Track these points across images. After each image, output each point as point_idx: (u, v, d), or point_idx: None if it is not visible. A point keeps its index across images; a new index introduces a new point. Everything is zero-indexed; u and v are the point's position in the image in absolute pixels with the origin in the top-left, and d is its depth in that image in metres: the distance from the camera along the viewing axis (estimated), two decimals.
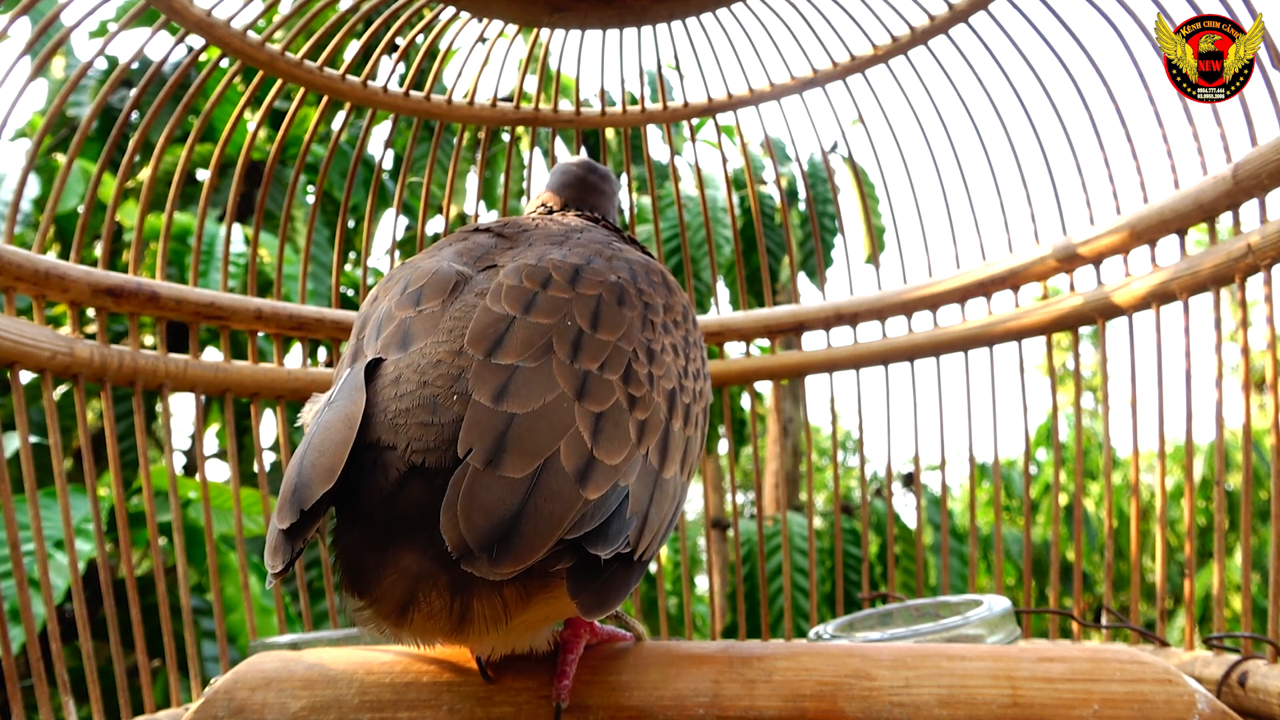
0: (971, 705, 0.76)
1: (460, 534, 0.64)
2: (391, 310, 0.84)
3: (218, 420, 3.29)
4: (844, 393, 14.56)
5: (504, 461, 0.67)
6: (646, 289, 0.87)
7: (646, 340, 0.82)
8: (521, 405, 0.71)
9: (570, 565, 0.68)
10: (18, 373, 1.43)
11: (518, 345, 0.75)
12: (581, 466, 0.69)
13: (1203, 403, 2.53)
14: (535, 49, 1.91)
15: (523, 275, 0.82)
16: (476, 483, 0.66)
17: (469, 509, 0.65)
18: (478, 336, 0.76)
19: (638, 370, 0.79)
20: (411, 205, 3.35)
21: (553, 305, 0.79)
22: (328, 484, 0.68)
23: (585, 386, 0.74)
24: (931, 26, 1.73)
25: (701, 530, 5.13)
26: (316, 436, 0.73)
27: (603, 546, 0.68)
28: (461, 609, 0.69)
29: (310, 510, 0.68)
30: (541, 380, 0.73)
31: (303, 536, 0.69)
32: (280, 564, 0.69)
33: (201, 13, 1.59)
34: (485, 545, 0.64)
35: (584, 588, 0.68)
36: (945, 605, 1.37)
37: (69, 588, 1.88)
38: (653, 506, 0.74)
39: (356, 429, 0.71)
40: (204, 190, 1.74)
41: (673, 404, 0.81)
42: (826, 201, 3.56)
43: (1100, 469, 5.21)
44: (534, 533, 0.65)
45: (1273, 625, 1.28)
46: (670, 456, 0.79)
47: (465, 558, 0.64)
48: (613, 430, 0.73)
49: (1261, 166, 1.35)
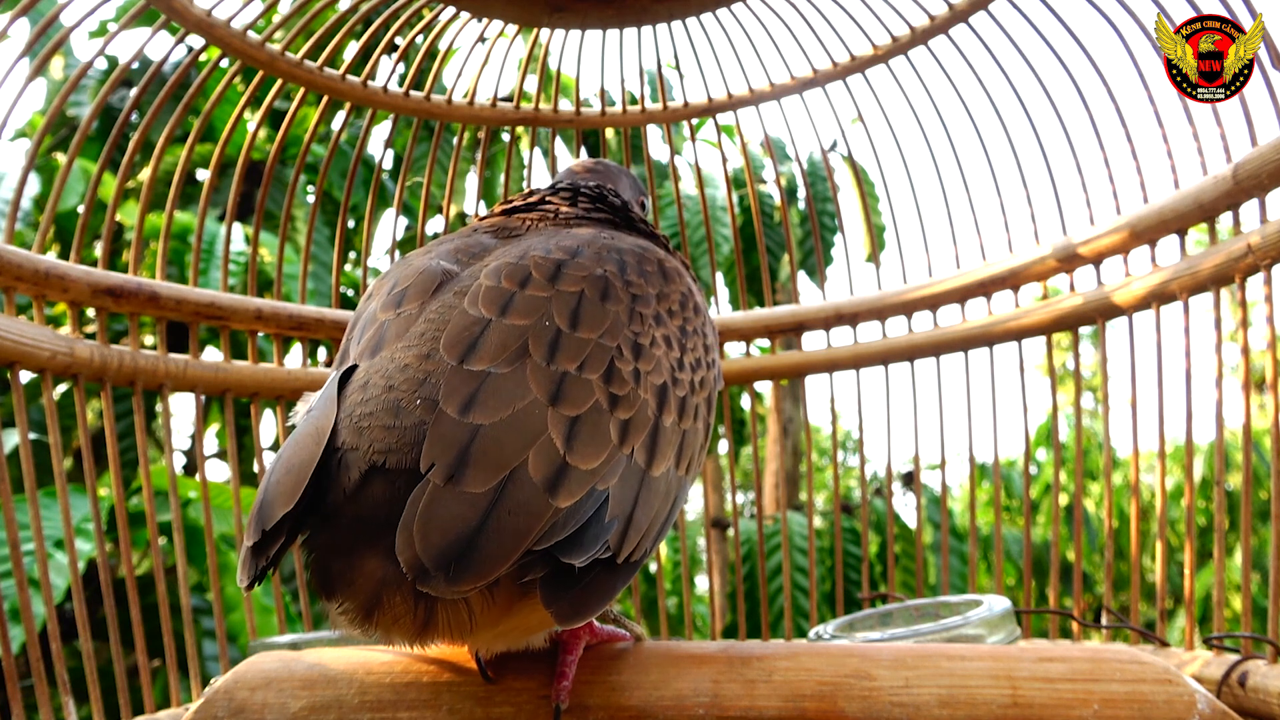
0: (971, 705, 0.76)
1: (415, 553, 0.64)
2: (376, 312, 0.84)
3: (218, 420, 3.29)
4: (844, 393, 14.55)
5: (466, 477, 0.66)
6: (636, 280, 0.85)
7: (633, 335, 0.80)
8: (489, 415, 0.70)
9: (543, 575, 0.67)
10: (18, 372, 1.43)
11: (491, 350, 0.74)
12: (552, 475, 0.68)
13: (1203, 403, 2.52)
14: (535, 49, 1.91)
15: (501, 275, 0.81)
16: (435, 500, 0.65)
17: (425, 528, 0.64)
18: (452, 341, 0.76)
19: (621, 368, 0.77)
20: (411, 205, 3.35)
21: (530, 305, 0.78)
22: (288, 505, 0.68)
23: (561, 390, 0.73)
24: (931, 26, 1.73)
25: (701, 530, 5.13)
26: (287, 451, 0.73)
27: (577, 554, 0.67)
28: (425, 615, 0.69)
29: (273, 529, 0.68)
30: (513, 386, 0.72)
31: (266, 554, 0.69)
32: (246, 579, 0.70)
33: (201, 13, 1.59)
34: (441, 564, 0.63)
35: (559, 596, 0.67)
36: (945, 605, 1.37)
37: (69, 587, 1.88)
38: (638, 507, 0.73)
39: (324, 443, 0.71)
40: (204, 190, 1.74)
41: (663, 399, 0.80)
42: (826, 200, 3.56)
43: (1100, 469, 5.21)
44: (496, 548, 0.64)
45: (1273, 625, 1.28)
46: (660, 453, 0.77)
47: (420, 577, 0.64)
48: (590, 433, 0.72)
49: (1261, 166, 1.36)
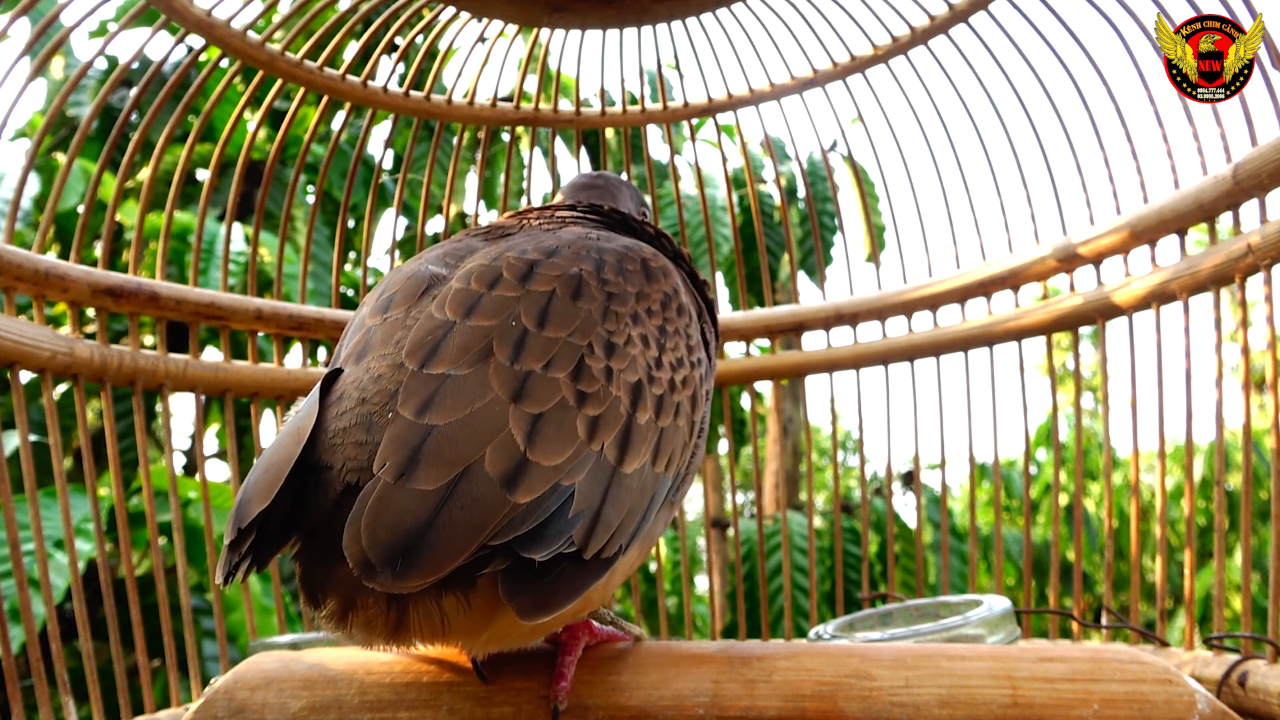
0: (971, 705, 0.76)
1: (361, 549, 0.64)
2: (365, 317, 0.84)
3: (218, 420, 3.29)
4: (844, 393, 14.55)
5: (417, 474, 0.67)
6: (613, 278, 0.84)
7: (606, 334, 0.80)
8: (445, 415, 0.70)
9: (504, 569, 0.67)
10: (18, 372, 1.43)
11: (452, 353, 0.75)
12: (510, 470, 0.68)
13: (1203, 403, 2.52)
14: (535, 49, 1.91)
15: (472, 277, 0.81)
16: (384, 497, 0.66)
17: (374, 524, 0.65)
18: (415, 347, 0.76)
19: (591, 365, 0.77)
20: (411, 205, 3.35)
21: (497, 306, 0.78)
22: (264, 502, 0.69)
23: (524, 388, 0.73)
24: (931, 26, 1.73)
25: (701, 530, 5.13)
26: (267, 453, 0.74)
27: (538, 549, 0.66)
28: (398, 617, 0.70)
29: (247, 527, 0.69)
30: (472, 387, 0.72)
31: (239, 551, 0.69)
32: (220, 576, 0.71)
33: (201, 13, 1.59)
34: (388, 559, 0.64)
35: (522, 590, 0.67)
36: (945, 605, 1.37)
37: (69, 587, 1.88)
38: (608, 502, 0.72)
39: (303, 444, 0.71)
40: (204, 190, 1.74)
41: (638, 396, 0.79)
42: (826, 200, 3.56)
43: (1100, 469, 5.21)
44: (447, 542, 0.65)
45: (1273, 625, 1.28)
46: (633, 450, 0.76)
47: (367, 573, 0.64)
48: (554, 430, 0.72)
49: (1261, 166, 1.36)
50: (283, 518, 0.71)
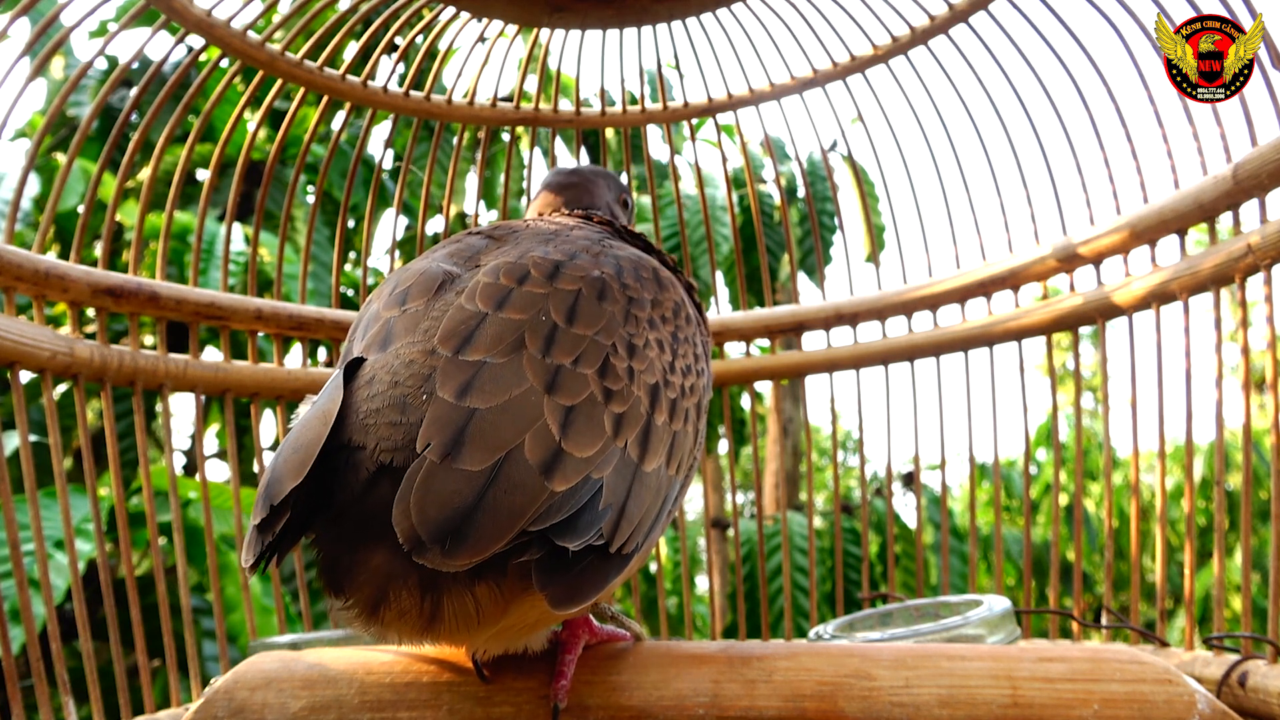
0: (971, 705, 0.76)
1: (412, 525, 0.64)
2: (379, 311, 0.85)
3: (218, 420, 3.29)
4: (844, 393, 14.55)
5: (462, 455, 0.67)
6: (632, 284, 0.86)
7: (628, 335, 0.81)
8: (485, 400, 0.71)
9: (538, 557, 0.67)
10: (18, 372, 1.43)
11: (487, 341, 0.75)
12: (548, 459, 0.69)
13: (1203, 403, 2.52)
14: (535, 49, 1.91)
15: (500, 272, 0.82)
16: (432, 476, 0.66)
17: (423, 501, 0.65)
18: (448, 334, 0.77)
19: (615, 364, 0.78)
20: (411, 205, 3.35)
21: (527, 301, 0.79)
22: (297, 478, 0.68)
23: (557, 380, 0.74)
24: (931, 26, 1.73)
25: (701, 530, 5.13)
26: (293, 434, 0.73)
27: (572, 538, 0.67)
28: (431, 608, 0.69)
29: (280, 505, 0.68)
30: (509, 375, 0.73)
31: (273, 531, 0.69)
32: (251, 558, 0.70)
33: (201, 13, 1.59)
34: (437, 537, 0.64)
35: (553, 580, 0.67)
36: (945, 605, 1.37)
37: (69, 588, 1.88)
38: (631, 499, 0.73)
39: (331, 424, 0.71)
40: (204, 190, 1.74)
41: (655, 398, 0.80)
42: (826, 200, 3.55)
43: (1100, 469, 5.21)
44: (492, 524, 0.65)
45: (1273, 625, 1.28)
46: (652, 449, 0.78)
47: (416, 549, 0.64)
48: (585, 423, 0.72)
49: (1261, 166, 1.36)
50: (304, 503, 0.70)
